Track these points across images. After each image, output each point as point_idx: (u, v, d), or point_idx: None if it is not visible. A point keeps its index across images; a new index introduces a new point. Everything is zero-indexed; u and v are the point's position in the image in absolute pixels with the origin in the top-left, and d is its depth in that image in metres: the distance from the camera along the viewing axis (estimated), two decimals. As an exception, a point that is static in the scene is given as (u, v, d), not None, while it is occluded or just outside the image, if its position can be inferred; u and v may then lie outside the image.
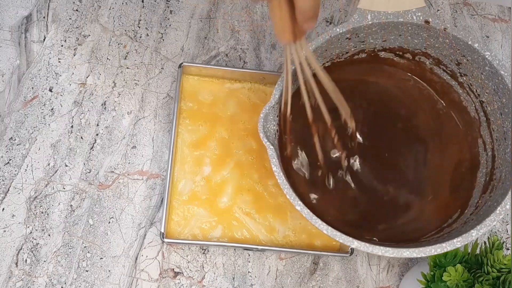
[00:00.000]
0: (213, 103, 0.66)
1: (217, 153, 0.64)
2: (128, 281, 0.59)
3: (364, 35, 0.57)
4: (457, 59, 0.56)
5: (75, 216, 0.61)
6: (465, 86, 0.58)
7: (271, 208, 0.63)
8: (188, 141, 0.64)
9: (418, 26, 0.54)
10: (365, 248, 0.47)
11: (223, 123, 0.66)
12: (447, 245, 0.47)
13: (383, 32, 0.56)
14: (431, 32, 0.55)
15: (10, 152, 0.62)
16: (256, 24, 0.73)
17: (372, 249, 0.47)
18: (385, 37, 0.57)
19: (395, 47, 0.58)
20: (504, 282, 0.48)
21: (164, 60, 0.69)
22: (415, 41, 0.56)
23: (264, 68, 0.70)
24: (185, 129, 0.65)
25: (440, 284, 0.50)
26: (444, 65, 0.58)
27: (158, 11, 0.71)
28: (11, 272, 0.58)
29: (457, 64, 0.56)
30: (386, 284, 0.63)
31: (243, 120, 0.66)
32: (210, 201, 0.62)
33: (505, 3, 0.79)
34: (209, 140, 0.65)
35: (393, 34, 0.56)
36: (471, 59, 0.54)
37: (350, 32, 0.56)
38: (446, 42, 0.54)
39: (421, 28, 0.55)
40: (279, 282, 0.62)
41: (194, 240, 0.60)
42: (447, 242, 0.47)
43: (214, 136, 0.65)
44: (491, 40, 0.77)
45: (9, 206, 0.60)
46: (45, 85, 0.65)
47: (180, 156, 0.63)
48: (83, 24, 0.69)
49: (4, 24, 0.67)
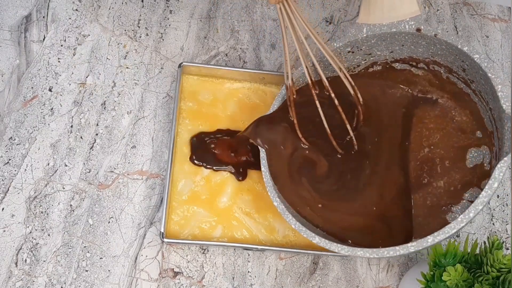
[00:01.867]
0: (213, 103, 0.66)
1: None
2: (128, 281, 0.59)
3: (366, 48, 0.59)
4: (460, 64, 0.54)
5: (74, 216, 0.61)
6: (477, 93, 0.55)
7: (271, 208, 0.63)
8: (188, 140, 0.64)
9: (412, 35, 0.55)
10: (324, 244, 0.51)
11: (222, 123, 0.66)
12: (401, 248, 0.47)
13: (384, 43, 0.58)
14: (427, 40, 0.55)
15: (10, 152, 0.62)
16: (256, 24, 0.73)
17: (329, 246, 0.51)
18: (390, 48, 0.58)
19: (406, 58, 0.58)
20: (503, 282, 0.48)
21: (163, 60, 0.69)
22: (420, 49, 0.56)
23: (264, 68, 0.70)
24: (184, 129, 0.64)
25: (439, 284, 0.50)
26: (456, 73, 0.56)
27: (158, 10, 0.71)
28: (10, 272, 0.58)
29: (463, 70, 0.55)
30: (386, 284, 0.63)
31: (242, 120, 0.66)
32: (210, 201, 0.62)
33: (505, 3, 0.79)
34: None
35: (395, 44, 0.57)
36: (469, 63, 0.53)
37: (348, 45, 0.58)
38: (443, 48, 0.54)
39: (416, 37, 0.55)
40: (278, 282, 0.62)
41: (194, 240, 0.60)
42: (401, 246, 0.47)
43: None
44: (490, 40, 0.77)
45: (9, 206, 0.60)
46: (45, 84, 0.65)
47: (179, 156, 0.63)
48: (83, 24, 0.69)
49: (4, 23, 0.67)
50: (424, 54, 0.57)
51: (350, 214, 0.58)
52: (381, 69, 0.61)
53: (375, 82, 0.61)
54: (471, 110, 0.57)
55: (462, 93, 0.57)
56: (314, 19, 0.74)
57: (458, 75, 0.56)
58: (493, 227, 0.67)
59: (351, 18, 0.75)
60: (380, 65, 0.61)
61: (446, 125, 0.59)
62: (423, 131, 0.60)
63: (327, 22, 0.74)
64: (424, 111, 0.60)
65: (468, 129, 0.58)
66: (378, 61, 0.60)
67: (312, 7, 0.75)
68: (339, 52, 0.59)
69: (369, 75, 0.62)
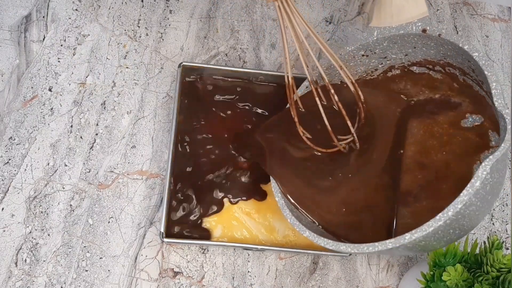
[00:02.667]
0: (213, 103, 0.66)
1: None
2: (128, 280, 0.59)
3: (380, 51, 0.59)
4: (468, 65, 0.54)
5: (74, 216, 0.61)
6: (488, 94, 0.53)
7: (270, 208, 0.63)
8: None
9: (420, 36, 0.55)
10: (313, 238, 0.52)
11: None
12: (379, 245, 0.47)
13: (397, 46, 0.58)
14: (434, 40, 0.55)
15: (10, 152, 0.62)
16: (256, 24, 0.73)
17: (317, 240, 0.52)
18: (403, 50, 0.58)
19: (421, 60, 0.58)
20: (503, 281, 0.48)
21: (163, 60, 0.69)
22: (431, 51, 0.56)
23: (264, 68, 0.70)
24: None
25: (439, 283, 0.50)
26: (469, 74, 0.55)
27: (158, 10, 0.71)
28: (10, 272, 0.58)
29: (473, 71, 0.54)
30: (386, 284, 0.63)
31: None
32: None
33: (505, 3, 0.79)
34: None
35: (407, 47, 0.58)
36: (473, 63, 0.52)
37: (361, 48, 0.59)
38: (450, 48, 0.54)
39: (423, 38, 0.55)
40: (278, 282, 0.62)
41: (193, 240, 0.60)
42: (380, 242, 0.47)
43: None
44: (490, 40, 0.77)
45: (9, 206, 0.60)
46: (45, 84, 0.65)
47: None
48: (83, 23, 0.69)
49: (4, 23, 0.67)
50: (436, 56, 0.57)
51: (338, 209, 0.58)
52: (400, 73, 0.61)
53: (375, 91, 0.62)
54: (489, 115, 0.56)
55: (478, 96, 0.56)
56: (314, 19, 0.74)
57: (471, 76, 0.55)
58: (493, 227, 0.67)
59: (351, 18, 0.75)
60: (398, 69, 0.61)
61: (457, 132, 0.57)
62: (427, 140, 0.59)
63: (327, 22, 0.74)
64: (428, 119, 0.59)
65: (485, 135, 0.56)
66: (396, 65, 0.61)
67: (312, 7, 0.75)
68: (353, 56, 0.60)
69: (388, 79, 0.62)
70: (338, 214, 0.58)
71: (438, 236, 0.47)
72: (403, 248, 0.47)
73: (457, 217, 0.45)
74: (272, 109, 0.65)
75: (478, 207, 0.47)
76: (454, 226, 0.47)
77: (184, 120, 0.63)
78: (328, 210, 0.58)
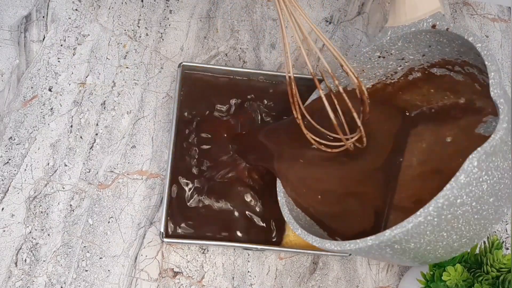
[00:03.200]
0: (213, 103, 0.66)
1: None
2: (128, 280, 0.59)
3: (396, 52, 0.58)
4: (482, 61, 0.50)
5: (74, 216, 0.61)
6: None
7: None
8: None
9: (431, 33, 0.54)
10: (303, 235, 0.52)
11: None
12: (361, 242, 0.45)
13: (412, 46, 0.57)
14: (445, 36, 0.53)
15: (10, 152, 0.62)
16: (256, 24, 0.73)
17: (306, 236, 0.51)
18: (419, 50, 0.57)
19: (440, 61, 0.56)
20: (503, 281, 0.48)
21: (163, 60, 0.69)
22: (446, 49, 0.55)
23: (264, 68, 0.70)
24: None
25: (439, 283, 0.50)
26: (485, 72, 0.50)
27: (158, 10, 0.71)
28: (10, 272, 0.58)
29: (485, 66, 0.50)
30: (386, 284, 0.63)
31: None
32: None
33: (505, 3, 0.79)
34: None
35: (422, 46, 0.56)
36: (480, 57, 0.49)
37: (376, 49, 0.58)
38: (460, 43, 0.52)
39: (434, 34, 0.53)
40: (278, 282, 0.62)
41: (193, 239, 0.60)
42: (361, 239, 0.45)
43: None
44: (490, 40, 0.77)
45: (9, 206, 0.60)
46: (45, 84, 0.65)
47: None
48: (83, 23, 0.69)
49: (4, 23, 0.67)
50: (452, 55, 0.55)
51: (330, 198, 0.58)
52: (421, 76, 0.59)
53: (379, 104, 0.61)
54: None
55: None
56: (314, 19, 0.74)
57: (486, 74, 0.49)
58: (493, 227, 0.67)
59: (351, 18, 0.75)
60: (419, 71, 0.59)
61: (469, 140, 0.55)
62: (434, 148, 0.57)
63: (327, 22, 0.74)
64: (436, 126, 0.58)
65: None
66: (415, 67, 0.59)
67: (312, 7, 0.75)
68: (369, 58, 0.59)
69: (410, 83, 0.60)
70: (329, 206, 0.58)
71: (427, 238, 0.43)
72: (394, 252, 0.45)
73: (446, 216, 0.41)
74: (272, 109, 0.65)
75: (475, 209, 0.43)
76: (446, 228, 0.43)
77: (184, 120, 0.63)
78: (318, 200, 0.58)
